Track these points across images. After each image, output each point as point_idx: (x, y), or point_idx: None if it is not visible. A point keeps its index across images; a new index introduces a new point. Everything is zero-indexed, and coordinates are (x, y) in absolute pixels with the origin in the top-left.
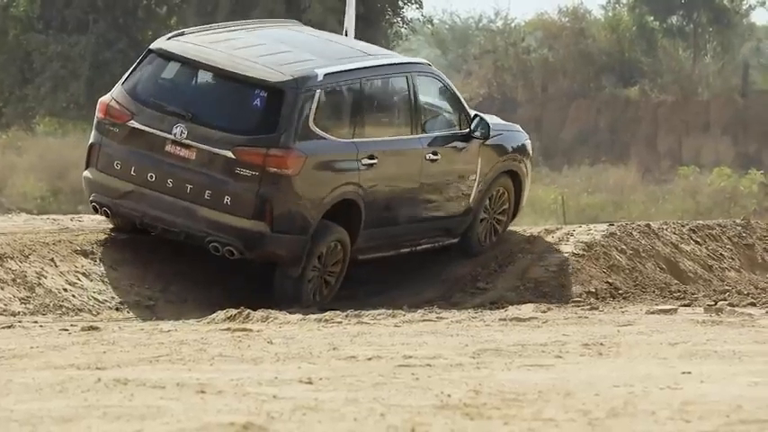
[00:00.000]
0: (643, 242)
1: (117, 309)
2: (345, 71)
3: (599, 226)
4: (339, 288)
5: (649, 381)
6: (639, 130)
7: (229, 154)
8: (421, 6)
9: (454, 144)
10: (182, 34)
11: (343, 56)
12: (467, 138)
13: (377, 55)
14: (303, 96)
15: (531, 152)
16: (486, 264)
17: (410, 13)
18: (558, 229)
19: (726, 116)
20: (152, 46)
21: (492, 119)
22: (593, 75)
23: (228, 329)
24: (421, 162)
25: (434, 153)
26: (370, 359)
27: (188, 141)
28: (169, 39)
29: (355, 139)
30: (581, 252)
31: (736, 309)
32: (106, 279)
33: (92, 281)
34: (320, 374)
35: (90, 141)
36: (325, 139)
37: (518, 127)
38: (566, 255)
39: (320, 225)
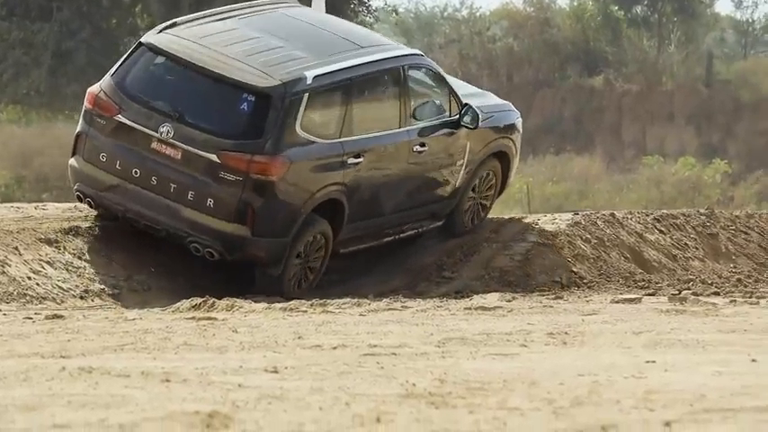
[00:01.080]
0: (608, 231)
1: (81, 297)
2: (335, 71)
3: (564, 215)
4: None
5: (614, 370)
6: (604, 119)
7: (214, 157)
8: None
9: (443, 132)
10: (174, 25)
11: (336, 51)
12: (456, 124)
13: (370, 47)
14: (291, 101)
15: (520, 129)
16: (451, 253)
17: (376, 1)
18: (522, 218)
19: (690, 106)
20: (143, 39)
21: (486, 98)
22: (558, 64)
23: (193, 318)
24: (408, 153)
25: (422, 144)
26: (335, 348)
27: (174, 141)
28: (160, 32)
29: (342, 139)
30: (546, 241)
31: (700, 298)
32: (71, 267)
33: (56, 269)
34: (285, 363)
35: (77, 130)
36: (311, 142)
37: (510, 105)
38: (531, 244)
39: (302, 220)
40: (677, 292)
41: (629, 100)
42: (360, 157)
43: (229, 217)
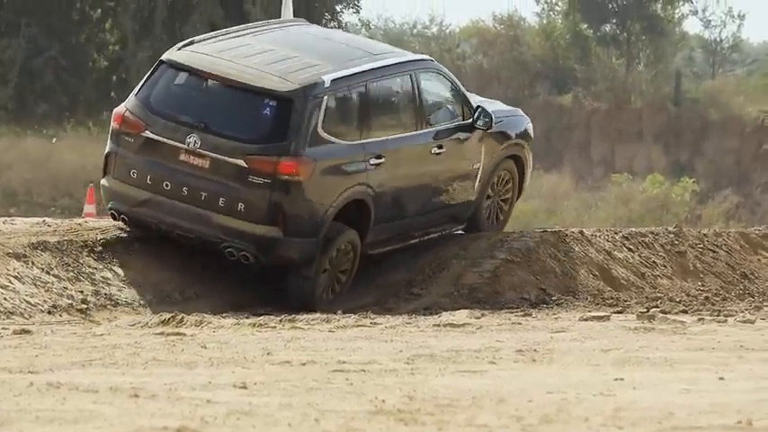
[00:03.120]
0: (576, 249)
1: (49, 312)
2: (351, 75)
3: (533, 232)
4: (272, 293)
5: (582, 387)
6: (573, 137)
7: (242, 162)
8: (358, 11)
9: (458, 135)
10: (191, 43)
11: (349, 58)
12: (470, 128)
13: (382, 54)
14: (311, 104)
15: (532, 136)
16: (420, 269)
17: (347, 17)
18: (491, 235)
19: (658, 124)
20: (163, 57)
21: (495, 105)
22: (528, 82)
23: (162, 333)
24: (426, 156)
25: (440, 146)
26: (304, 364)
27: (201, 151)
28: (179, 49)
29: (363, 141)
30: (515, 258)
31: (668, 316)
32: (39, 282)
33: (24, 284)
34: (254, 379)
35: (106, 150)
36: (333, 143)
37: (520, 111)
38: (500, 261)
39: (331, 227)
40: (645, 310)
41: (598, 118)
42: (381, 158)
43: (261, 219)
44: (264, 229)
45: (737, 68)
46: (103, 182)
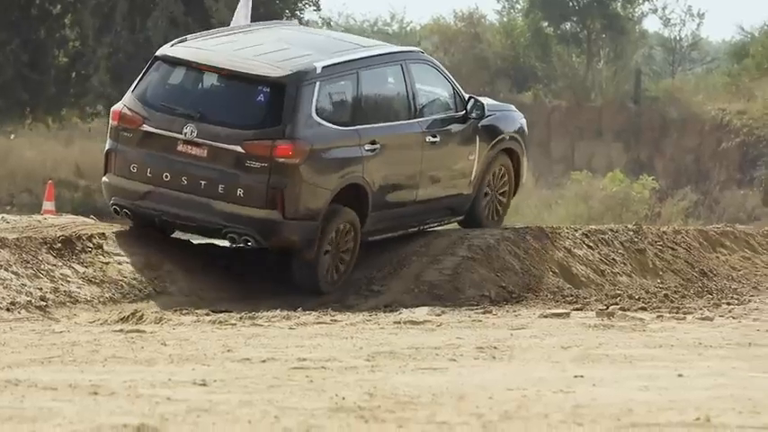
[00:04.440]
0: (536, 246)
1: (8, 309)
2: (342, 63)
3: (493, 230)
4: (236, 289)
5: (542, 384)
6: (533, 134)
7: (239, 148)
8: (318, 9)
9: (452, 126)
10: (184, 40)
11: (340, 49)
12: (463, 119)
13: (371, 46)
14: (304, 89)
15: (526, 131)
16: (380, 267)
17: (307, 14)
18: (452, 232)
19: (618, 122)
20: (157, 53)
21: (486, 101)
22: (489, 79)
23: (122, 331)
24: (422, 144)
25: (434, 135)
26: (264, 361)
27: (199, 140)
28: (173, 45)
29: (356, 127)
30: (475, 255)
31: (628, 313)
32: None
33: None
34: (214, 376)
35: (106, 148)
36: (327, 128)
37: (512, 107)
38: (460, 258)
39: (330, 209)
40: (605, 308)
41: (558, 116)
42: (375, 144)
43: (260, 203)
44: (264, 212)
45: (697, 67)
46: (105, 179)
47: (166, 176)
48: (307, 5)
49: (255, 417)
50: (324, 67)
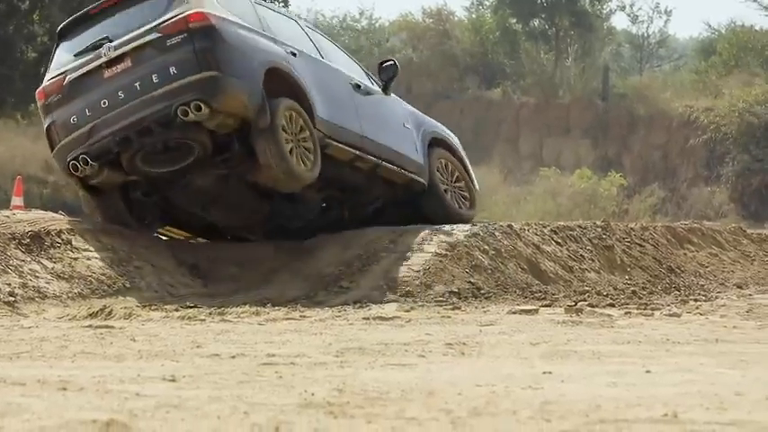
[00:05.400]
0: (505, 243)
1: None
2: None
3: (462, 226)
4: (203, 287)
5: (511, 380)
6: (501, 131)
7: (155, 35)
8: (286, 5)
9: (373, 87)
10: None
11: None
12: (383, 91)
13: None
14: None
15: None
16: (349, 263)
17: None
18: (421, 228)
19: (586, 119)
20: (58, 29)
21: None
22: (457, 76)
23: (90, 326)
24: (346, 84)
25: (357, 86)
26: (233, 357)
27: (118, 52)
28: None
29: (267, 33)
30: (444, 252)
31: (596, 309)
32: None
33: None
34: (183, 372)
35: (45, 126)
36: (234, 16)
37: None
38: (429, 254)
39: (267, 101)
40: (573, 304)
41: (527, 112)
42: (295, 56)
43: (195, 69)
44: (201, 74)
45: (664, 64)
46: (54, 152)
47: (104, 103)
48: (274, 1)
49: (225, 412)
50: None
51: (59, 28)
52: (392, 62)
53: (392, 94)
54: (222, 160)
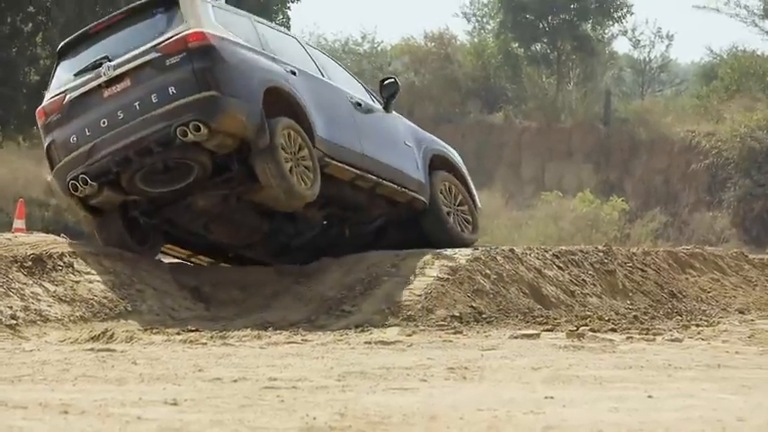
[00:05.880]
0: (507, 267)
1: None
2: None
3: (464, 250)
4: (205, 311)
5: (513, 405)
6: (504, 155)
7: (154, 54)
8: (288, 28)
9: (375, 105)
10: None
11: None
12: (385, 109)
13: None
14: (197, 3)
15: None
16: (351, 287)
17: None
18: (423, 252)
19: (588, 143)
20: (58, 48)
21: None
22: (459, 100)
23: (92, 350)
24: (347, 102)
25: (358, 104)
26: (235, 381)
27: (117, 71)
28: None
29: (268, 52)
30: (446, 276)
31: (598, 334)
32: None
33: None
34: (185, 396)
35: (45, 145)
36: (233, 36)
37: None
38: (431, 278)
39: (266, 121)
40: (575, 329)
41: (529, 136)
42: (295, 75)
43: (194, 89)
44: (201, 94)
45: (666, 88)
46: (52, 174)
47: (104, 123)
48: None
49: None
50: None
51: (59, 47)
52: (393, 80)
53: (393, 112)
54: (222, 180)
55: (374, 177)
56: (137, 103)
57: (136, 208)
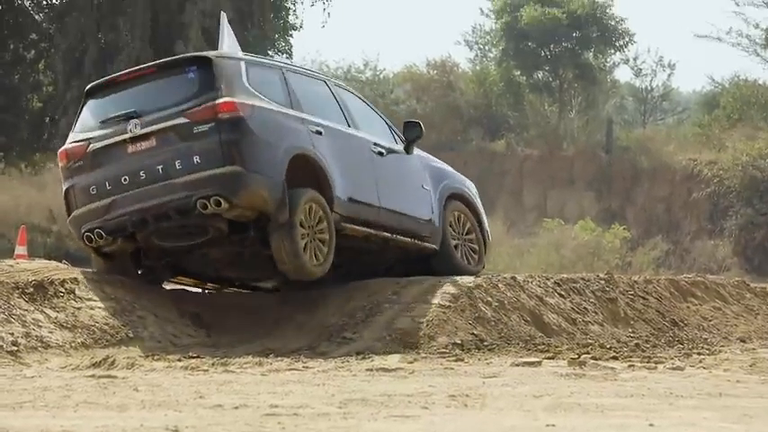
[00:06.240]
0: (509, 294)
1: None
2: (265, 60)
3: (465, 278)
4: (206, 337)
5: None
6: (505, 183)
7: (183, 119)
8: (290, 56)
9: (397, 149)
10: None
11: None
12: (406, 151)
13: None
14: (231, 63)
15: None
16: (352, 314)
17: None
18: (424, 280)
19: (590, 171)
20: (86, 89)
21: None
22: (461, 127)
23: (93, 376)
24: (369, 152)
25: (380, 153)
26: (236, 408)
27: (144, 131)
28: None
29: (296, 113)
30: (448, 303)
31: (599, 362)
32: None
33: None
34: (186, 423)
35: (64, 189)
36: (264, 98)
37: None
38: (432, 306)
39: (289, 192)
40: (576, 356)
41: (531, 164)
42: (321, 134)
43: (219, 162)
44: (225, 168)
45: (668, 117)
46: (69, 219)
47: (125, 180)
48: (279, 53)
49: None
50: (246, 53)
51: (88, 87)
52: (418, 125)
53: (414, 151)
54: (238, 240)
55: (388, 234)
56: (160, 167)
57: (148, 258)
